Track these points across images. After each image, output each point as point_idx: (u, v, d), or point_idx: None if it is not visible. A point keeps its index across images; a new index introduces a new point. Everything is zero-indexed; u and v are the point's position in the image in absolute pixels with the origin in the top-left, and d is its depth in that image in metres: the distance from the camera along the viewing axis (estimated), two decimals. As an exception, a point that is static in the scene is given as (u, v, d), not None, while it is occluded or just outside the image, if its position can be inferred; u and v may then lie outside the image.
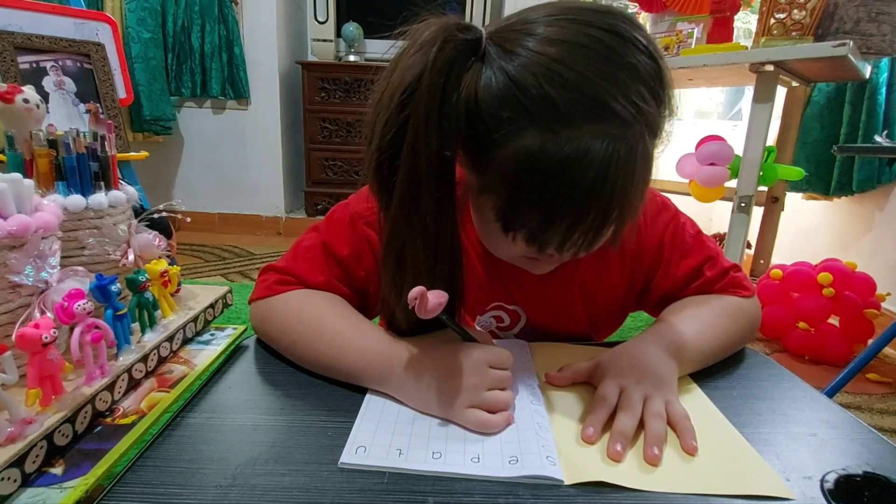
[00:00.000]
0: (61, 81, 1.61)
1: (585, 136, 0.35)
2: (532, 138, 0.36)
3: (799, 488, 0.34)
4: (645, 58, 0.37)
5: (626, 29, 0.37)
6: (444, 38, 0.37)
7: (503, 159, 0.38)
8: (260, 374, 0.49)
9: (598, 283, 0.58)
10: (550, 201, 0.37)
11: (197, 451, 0.37)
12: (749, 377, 0.51)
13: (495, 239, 0.45)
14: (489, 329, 0.60)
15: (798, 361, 1.50)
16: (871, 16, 1.55)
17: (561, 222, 0.38)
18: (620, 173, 0.36)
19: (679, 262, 0.57)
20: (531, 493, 0.33)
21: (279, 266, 0.55)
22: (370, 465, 0.35)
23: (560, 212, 0.38)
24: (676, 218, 0.59)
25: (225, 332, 0.54)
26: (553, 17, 0.38)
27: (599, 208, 0.37)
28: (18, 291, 0.38)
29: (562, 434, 0.39)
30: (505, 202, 0.40)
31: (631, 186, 0.37)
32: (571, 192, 0.36)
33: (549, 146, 0.36)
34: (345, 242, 0.54)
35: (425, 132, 0.37)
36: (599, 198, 0.37)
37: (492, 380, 0.41)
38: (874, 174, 1.78)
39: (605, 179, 0.36)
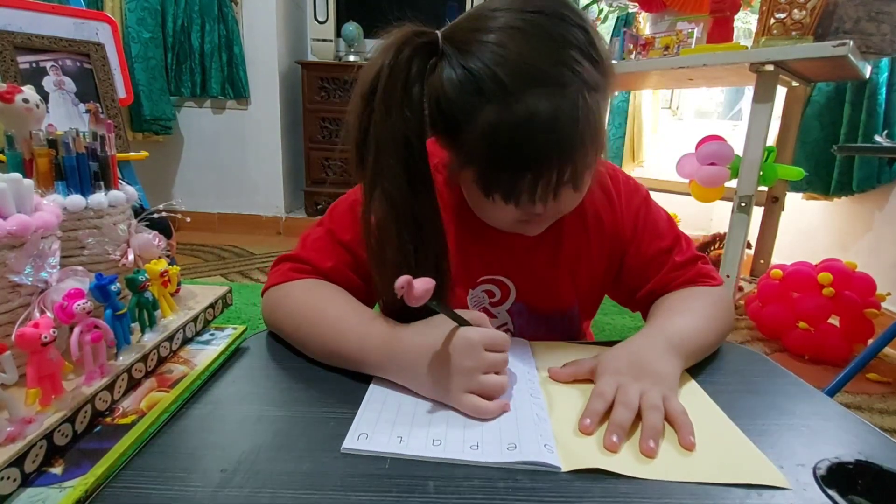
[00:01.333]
0: (61, 81, 1.61)
1: (530, 101, 0.42)
2: (490, 114, 0.42)
3: (792, 475, 0.34)
4: (576, 29, 0.44)
5: (553, 9, 0.44)
6: (402, 41, 0.44)
7: (471, 137, 0.44)
8: (260, 372, 0.50)
9: (579, 256, 0.61)
10: (513, 161, 0.44)
11: (201, 439, 0.38)
12: (744, 373, 0.51)
13: (486, 208, 0.51)
14: (481, 305, 0.62)
15: (798, 361, 1.50)
16: (871, 15, 1.55)
17: (525, 177, 0.44)
18: (566, 124, 0.42)
19: (650, 242, 0.61)
20: (529, 479, 0.34)
21: (291, 255, 0.59)
22: (372, 451, 0.36)
23: (522, 168, 0.44)
24: (648, 201, 0.63)
25: (225, 332, 0.54)
26: (493, 10, 0.45)
27: (555, 158, 0.44)
28: (18, 291, 0.38)
29: (560, 425, 0.40)
30: (480, 172, 0.46)
31: (577, 134, 0.43)
32: (528, 149, 0.43)
33: (504, 116, 0.42)
34: (347, 228, 0.58)
35: (385, 121, 0.43)
36: (553, 149, 0.43)
37: (487, 363, 0.42)
38: (874, 174, 1.78)
39: (554, 132, 0.42)
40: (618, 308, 0.68)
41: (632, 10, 2.48)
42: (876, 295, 1.50)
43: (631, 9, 2.48)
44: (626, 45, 2.02)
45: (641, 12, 2.28)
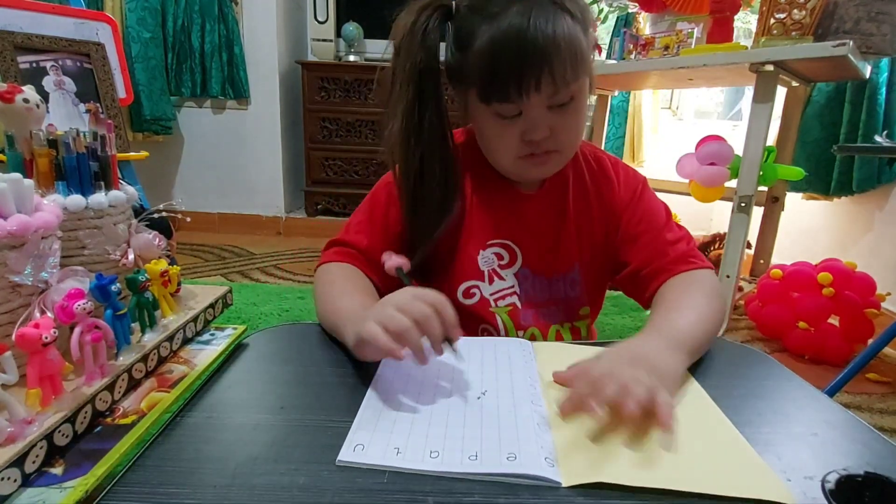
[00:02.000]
0: (61, 81, 1.60)
1: (513, 14, 0.52)
2: (484, 31, 0.53)
3: (800, 488, 0.34)
4: None
5: None
6: (424, 4, 0.57)
7: (472, 57, 0.54)
8: (260, 374, 0.49)
9: (580, 224, 0.68)
10: (502, 62, 0.53)
11: (196, 450, 0.37)
12: (750, 376, 0.51)
13: (494, 139, 0.60)
14: (491, 267, 0.68)
15: (798, 361, 1.50)
16: (871, 15, 1.55)
17: (513, 73, 0.53)
18: (542, 30, 0.51)
19: (643, 215, 0.67)
20: (530, 493, 0.33)
21: (334, 239, 0.68)
22: (367, 464, 0.35)
23: (510, 66, 0.53)
24: (646, 186, 0.70)
25: (225, 332, 0.54)
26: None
27: (537, 57, 0.52)
28: (18, 291, 0.38)
29: (562, 435, 0.39)
30: (479, 84, 0.55)
31: (550, 39, 0.51)
32: (514, 51, 0.52)
33: (492, 29, 0.52)
34: (383, 206, 0.66)
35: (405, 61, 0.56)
36: (532, 48, 0.51)
37: (401, 300, 0.45)
38: (874, 174, 1.78)
39: (532, 34, 0.51)
40: (618, 308, 0.69)
41: (632, 10, 2.48)
42: (876, 295, 1.50)
43: (631, 9, 2.48)
44: (626, 45, 2.02)
45: (641, 12, 2.28)
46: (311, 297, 1.86)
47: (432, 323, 0.43)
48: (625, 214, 0.67)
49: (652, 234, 0.65)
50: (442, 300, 0.45)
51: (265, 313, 1.62)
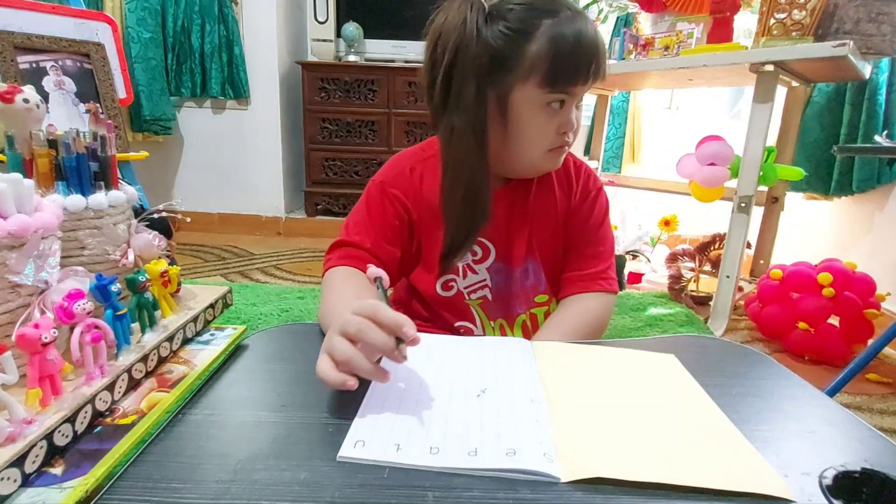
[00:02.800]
0: (61, 81, 1.61)
1: (570, 14, 0.60)
2: (549, 24, 0.59)
3: (797, 484, 0.34)
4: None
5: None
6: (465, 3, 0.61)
7: (538, 46, 0.59)
8: (260, 374, 0.50)
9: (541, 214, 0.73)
10: (577, 50, 0.59)
11: (198, 446, 0.37)
12: (748, 375, 0.51)
13: (535, 131, 0.64)
14: (465, 262, 0.72)
15: (798, 361, 1.50)
16: (871, 16, 1.55)
17: (580, 65, 0.60)
18: (588, 23, 0.61)
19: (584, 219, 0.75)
20: (529, 489, 0.33)
21: (337, 241, 0.70)
22: (368, 459, 0.35)
23: (579, 59, 0.60)
24: (598, 195, 0.76)
25: (225, 332, 0.54)
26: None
27: (592, 54, 0.60)
28: (18, 291, 0.38)
29: (561, 431, 0.39)
30: (549, 68, 0.60)
31: (595, 33, 0.61)
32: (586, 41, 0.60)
33: (562, 24, 0.59)
34: (379, 206, 0.69)
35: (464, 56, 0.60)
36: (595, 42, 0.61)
37: (341, 322, 0.41)
38: (874, 174, 1.78)
39: (592, 31, 0.60)
40: (618, 308, 0.70)
41: (632, 11, 2.48)
42: (876, 295, 1.50)
43: (631, 9, 2.48)
44: (626, 45, 2.02)
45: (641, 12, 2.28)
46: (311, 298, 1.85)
47: (370, 334, 0.40)
48: (571, 218, 0.75)
49: (580, 247, 0.75)
50: (374, 306, 0.41)
51: (265, 313, 1.62)
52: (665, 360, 0.53)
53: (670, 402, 0.45)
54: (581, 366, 0.52)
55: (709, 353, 0.57)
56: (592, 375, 0.49)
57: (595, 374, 0.50)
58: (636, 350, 0.56)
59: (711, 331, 1.64)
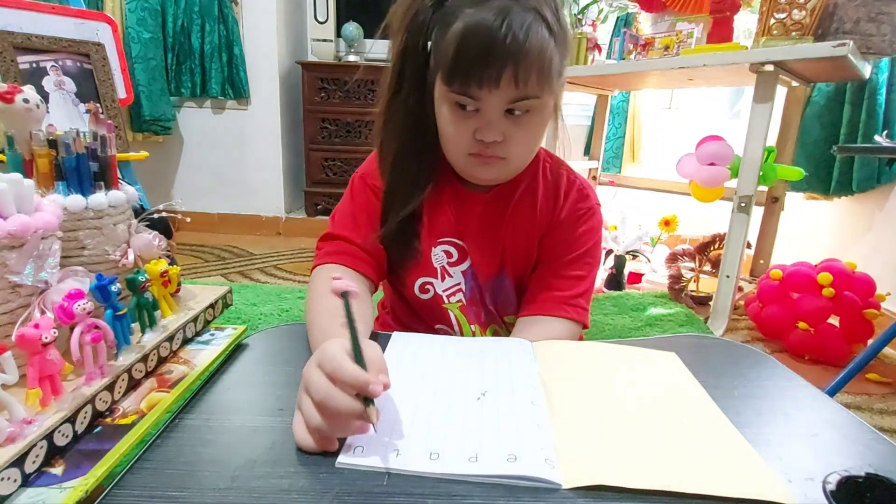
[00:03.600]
0: (61, 81, 1.60)
1: (495, 7, 0.51)
2: (462, 17, 0.53)
3: (801, 489, 0.34)
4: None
5: None
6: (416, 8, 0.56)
7: (446, 38, 0.54)
8: (259, 375, 0.49)
9: (518, 230, 0.69)
10: (468, 49, 0.52)
11: (195, 453, 0.37)
12: (750, 376, 0.51)
13: (449, 126, 0.59)
14: (441, 264, 0.70)
15: (798, 361, 1.50)
16: (871, 16, 1.55)
17: (476, 63, 0.53)
18: (514, 28, 0.51)
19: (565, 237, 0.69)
20: (530, 495, 0.33)
21: (326, 233, 0.69)
22: (367, 466, 0.35)
23: (474, 55, 0.52)
24: (591, 217, 0.70)
25: (225, 332, 0.54)
26: None
27: (501, 52, 0.52)
28: (18, 291, 0.38)
29: (562, 436, 0.39)
30: (445, 67, 0.54)
31: (523, 41, 0.51)
32: (484, 40, 0.52)
33: (467, 18, 0.52)
34: (362, 198, 0.69)
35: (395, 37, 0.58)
36: (497, 41, 0.51)
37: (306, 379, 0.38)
38: (874, 174, 1.78)
39: (502, 31, 0.51)
40: (618, 308, 0.69)
41: (632, 10, 2.48)
42: (876, 295, 1.50)
43: (631, 9, 2.48)
44: (626, 45, 2.02)
45: (641, 12, 2.28)
46: (311, 298, 1.84)
47: (333, 404, 0.36)
48: (552, 232, 0.69)
49: (555, 267, 0.68)
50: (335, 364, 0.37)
51: (265, 313, 1.61)
52: (666, 359, 0.53)
53: (672, 405, 0.45)
54: (582, 366, 0.52)
55: (710, 352, 0.57)
56: (593, 376, 0.49)
57: (596, 375, 0.50)
58: (637, 347, 0.56)
59: (711, 331, 1.64)
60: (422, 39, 0.57)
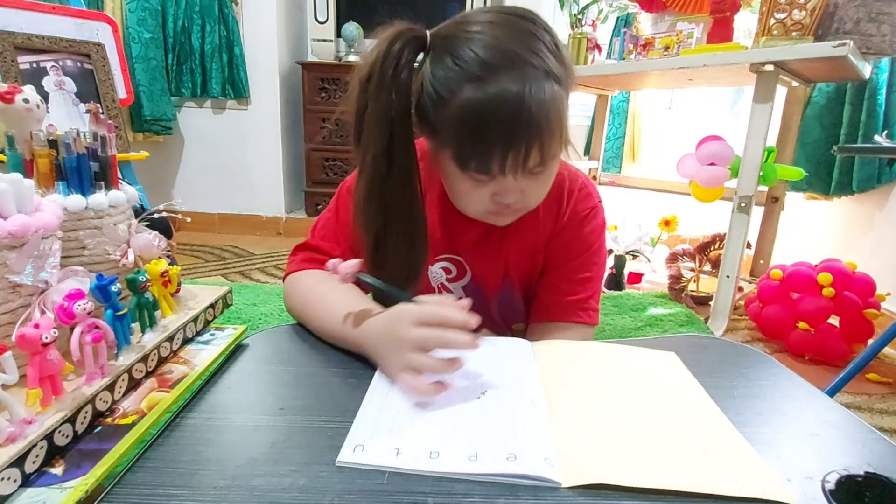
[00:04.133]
0: (61, 81, 1.60)
1: (504, 81, 0.47)
2: (468, 91, 0.48)
3: (800, 489, 0.34)
4: (546, 34, 0.51)
5: (533, 16, 0.52)
6: (395, 35, 0.50)
7: (450, 115, 0.49)
8: (259, 375, 0.49)
9: (523, 239, 0.66)
10: (486, 133, 0.49)
11: (196, 451, 0.37)
12: (750, 376, 0.51)
13: (463, 193, 0.56)
14: (439, 281, 0.69)
15: (798, 361, 1.50)
16: (871, 16, 1.55)
17: (496, 148, 0.49)
18: (533, 104, 0.47)
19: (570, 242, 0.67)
20: (530, 494, 0.33)
21: (304, 243, 0.67)
22: (367, 465, 0.35)
23: (493, 139, 0.49)
24: (593, 217, 0.68)
25: (225, 332, 0.54)
26: (479, 12, 0.52)
27: (523, 133, 0.48)
28: (18, 291, 0.38)
29: (562, 435, 0.39)
30: (457, 147, 0.51)
31: (543, 116, 0.48)
32: (499, 122, 0.48)
33: (479, 93, 0.48)
34: (348, 211, 0.63)
35: (375, 103, 0.50)
36: (521, 124, 0.48)
37: (412, 338, 0.44)
38: (874, 174, 1.78)
39: (522, 109, 0.47)
40: (618, 308, 0.69)
41: (632, 11, 2.48)
42: (876, 295, 1.50)
43: (631, 9, 2.48)
44: (626, 45, 2.02)
45: (641, 12, 2.28)
46: (311, 298, 1.84)
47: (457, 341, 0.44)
48: (556, 238, 0.67)
49: (562, 271, 0.67)
50: (439, 313, 0.45)
51: (265, 313, 1.61)
52: (665, 358, 0.53)
53: (671, 404, 0.45)
54: (581, 365, 0.52)
55: (710, 352, 0.57)
56: (593, 375, 0.49)
57: (596, 374, 0.50)
58: (637, 347, 0.56)
59: (711, 331, 1.64)
60: (408, 102, 0.51)
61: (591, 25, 2.36)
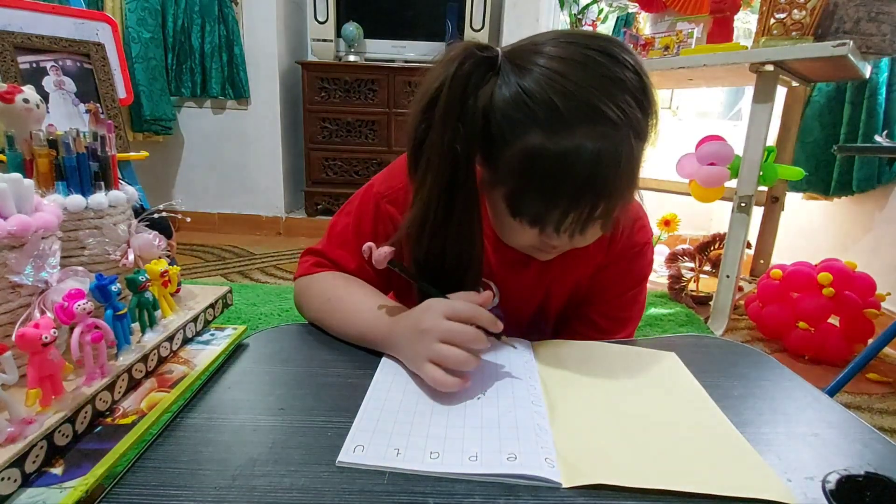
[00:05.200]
0: (61, 81, 1.60)
1: (579, 135, 0.42)
2: (536, 137, 0.43)
3: (800, 489, 0.34)
4: (631, 74, 0.44)
5: (616, 51, 0.44)
6: (464, 55, 0.45)
7: (512, 155, 0.45)
8: (259, 374, 0.49)
9: (567, 268, 0.62)
10: (549, 189, 0.44)
11: (196, 451, 0.37)
12: (750, 376, 0.51)
13: (508, 228, 0.52)
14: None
15: (798, 361, 1.50)
16: (871, 16, 1.55)
17: (557, 207, 0.45)
18: (607, 167, 0.43)
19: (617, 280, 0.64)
20: (531, 494, 0.33)
21: (316, 249, 0.64)
22: (367, 465, 0.35)
23: (557, 198, 0.44)
24: (649, 251, 0.65)
25: (225, 332, 0.54)
26: (556, 40, 0.45)
27: (590, 195, 0.44)
28: (18, 291, 0.38)
29: (562, 436, 0.39)
30: (513, 191, 0.47)
31: (617, 179, 0.44)
32: (566, 181, 0.43)
33: (549, 143, 0.43)
34: (370, 222, 0.62)
35: (441, 130, 0.45)
36: (590, 187, 0.44)
37: (441, 330, 0.44)
38: (874, 174, 1.78)
39: (595, 171, 0.43)
40: (618, 308, 0.68)
41: (632, 10, 2.48)
42: (876, 295, 1.50)
43: (631, 9, 2.48)
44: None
45: (641, 12, 2.28)
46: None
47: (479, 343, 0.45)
48: (602, 272, 0.63)
49: (605, 307, 0.65)
50: (471, 309, 0.46)
51: (265, 313, 1.61)
52: (666, 359, 0.53)
53: (672, 404, 0.45)
54: (581, 365, 0.52)
55: (710, 352, 0.57)
56: (593, 375, 0.49)
57: (596, 374, 0.50)
58: (637, 348, 0.56)
59: (711, 331, 1.64)
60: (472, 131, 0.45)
61: (591, 25, 2.36)
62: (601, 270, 0.63)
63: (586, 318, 0.65)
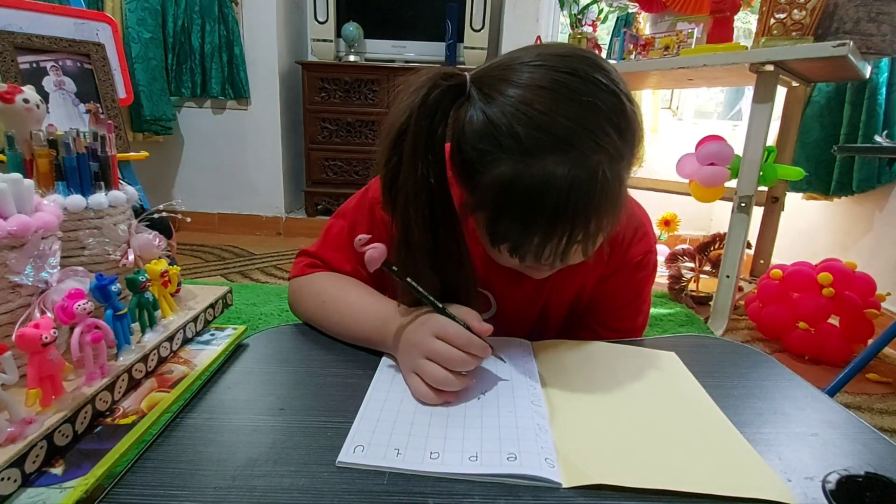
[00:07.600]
0: (61, 81, 1.60)
1: (549, 164, 0.41)
2: (505, 167, 0.42)
3: (800, 489, 0.34)
4: (606, 94, 0.42)
5: (588, 72, 0.42)
6: (430, 85, 0.43)
7: (485, 184, 0.43)
8: (259, 375, 0.49)
9: (567, 280, 0.60)
10: (524, 220, 0.43)
11: (196, 452, 0.37)
12: (750, 376, 0.51)
13: (493, 252, 0.51)
14: None
15: (798, 361, 1.50)
16: (871, 16, 1.55)
17: (533, 237, 0.44)
18: (581, 195, 0.41)
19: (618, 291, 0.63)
20: (531, 495, 0.33)
21: (311, 251, 0.64)
22: (368, 465, 0.35)
23: (532, 228, 0.43)
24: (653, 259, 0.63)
25: (225, 332, 0.54)
26: (526, 64, 0.44)
27: (565, 225, 0.43)
28: (18, 291, 0.38)
29: (562, 436, 0.39)
30: (489, 220, 0.46)
31: (593, 207, 0.42)
32: (540, 212, 0.42)
33: (520, 173, 0.41)
34: (366, 228, 0.61)
35: (412, 164, 0.43)
36: (563, 216, 0.42)
37: (428, 348, 0.44)
38: (874, 174, 1.78)
39: (567, 201, 0.41)
40: (618, 308, 0.68)
41: (632, 11, 2.48)
42: (876, 295, 1.50)
43: (631, 9, 2.48)
44: (626, 45, 2.02)
45: (641, 12, 2.28)
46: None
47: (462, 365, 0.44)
48: (602, 283, 0.63)
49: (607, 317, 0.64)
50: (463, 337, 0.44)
51: (265, 313, 1.61)
52: (666, 359, 0.53)
53: (672, 404, 0.45)
54: (581, 365, 0.52)
55: (710, 352, 0.57)
56: (593, 375, 0.49)
57: (596, 374, 0.50)
58: (637, 348, 0.56)
59: (711, 331, 1.64)
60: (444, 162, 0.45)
61: (591, 25, 2.36)
62: (603, 280, 0.63)
63: (589, 329, 0.65)
